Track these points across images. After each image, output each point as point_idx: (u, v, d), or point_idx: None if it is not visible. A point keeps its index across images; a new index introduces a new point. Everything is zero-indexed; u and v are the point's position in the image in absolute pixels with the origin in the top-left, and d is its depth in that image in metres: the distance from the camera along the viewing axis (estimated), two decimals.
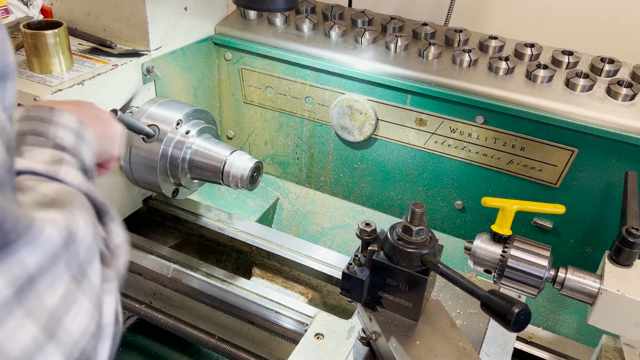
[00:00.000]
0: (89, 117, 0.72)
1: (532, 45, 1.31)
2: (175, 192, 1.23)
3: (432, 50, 1.32)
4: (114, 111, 0.97)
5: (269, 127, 1.58)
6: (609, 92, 1.19)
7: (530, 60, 1.30)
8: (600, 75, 1.24)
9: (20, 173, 0.53)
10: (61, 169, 0.55)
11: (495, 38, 1.34)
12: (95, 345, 0.43)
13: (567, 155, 1.22)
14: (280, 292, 1.35)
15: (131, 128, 1.04)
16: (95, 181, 0.67)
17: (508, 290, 0.89)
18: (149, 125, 1.13)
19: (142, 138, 1.13)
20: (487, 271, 0.91)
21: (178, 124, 1.16)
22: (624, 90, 1.17)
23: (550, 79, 1.23)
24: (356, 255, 0.90)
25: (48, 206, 0.41)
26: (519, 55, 1.31)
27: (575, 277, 0.86)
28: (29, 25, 1.14)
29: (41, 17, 1.48)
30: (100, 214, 0.55)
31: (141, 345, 1.36)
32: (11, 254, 0.34)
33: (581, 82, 1.20)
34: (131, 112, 1.21)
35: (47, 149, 0.59)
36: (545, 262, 0.85)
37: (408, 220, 0.84)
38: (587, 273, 0.87)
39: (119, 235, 0.56)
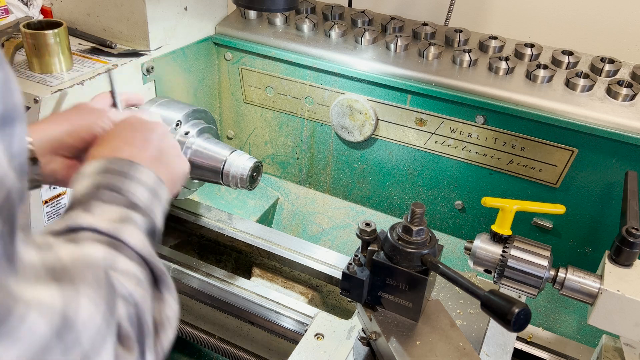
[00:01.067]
0: (164, 164, 0.73)
1: (532, 45, 1.31)
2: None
3: (432, 50, 1.32)
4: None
5: (269, 127, 1.58)
6: (609, 92, 1.19)
7: (530, 60, 1.30)
8: (600, 75, 1.24)
9: (82, 229, 0.54)
10: (125, 230, 0.54)
11: (495, 38, 1.34)
12: None
13: (567, 155, 1.22)
14: (280, 292, 1.35)
15: None
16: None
17: (508, 290, 0.89)
18: None
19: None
20: (487, 271, 0.91)
21: (177, 124, 1.16)
22: (624, 90, 1.17)
23: (550, 79, 1.23)
24: (356, 255, 0.90)
25: (51, 278, 0.37)
26: (519, 55, 1.31)
27: (575, 277, 0.86)
28: (29, 25, 1.14)
29: (41, 17, 1.48)
30: (157, 281, 0.54)
31: None
32: None
33: (581, 82, 1.20)
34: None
35: (118, 206, 0.58)
36: (545, 262, 0.85)
37: (408, 220, 0.84)
38: (587, 273, 0.87)
39: (172, 307, 0.55)
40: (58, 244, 0.43)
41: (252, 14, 1.50)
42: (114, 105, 0.96)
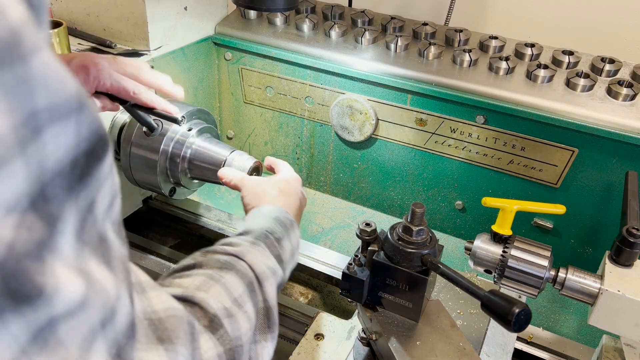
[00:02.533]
0: (297, 207, 0.92)
1: (532, 45, 1.31)
2: (173, 191, 1.23)
3: (433, 50, 1.32)
4: (124, 101, 0.96)
5: (269, 127, 1.58)
6: (610, 92, 1.19)
7: (530, 60, 1.30)
8: (600, 75, 1.24)
9: (243, 260, 0.67)
10: (269, 280, 0.68)
11: (496, 38, 1.34)
12: None
13: (567, 155, 1.22)
14: (280, 292, 1.34)
15: (138, 120, 1.03)
16: None
17: (508, 290, 0.89)
18: (153, 119, 1.13)
19: (145, 132, 1.12)
20: (488, 271, 0.91)
21: (181, 120, 1.16)
22: (624, 90, 1.17)
23: (550, 78, 1.23)
24: (356, 256, 0.90)
25: (157, 339, 0.43)
26: (519, 55, 1.31)
27: (575, 277, 0.86)
28: None
29: None
30: (269, 329, 0.65)
31: None
32: None
33: (581, 82, 1.19)
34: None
35: (273, 257, 0.73)
36: (545, 262, 0.85)
37: (408, 220, 0.84)
38: (587, 273, 0.87)
39: (269, 353, 0.65)
40: (148, 287, 0.46)
41: (252, 13, 1.50)
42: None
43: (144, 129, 1.12)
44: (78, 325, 0.33)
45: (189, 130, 1.16)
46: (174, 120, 1.02)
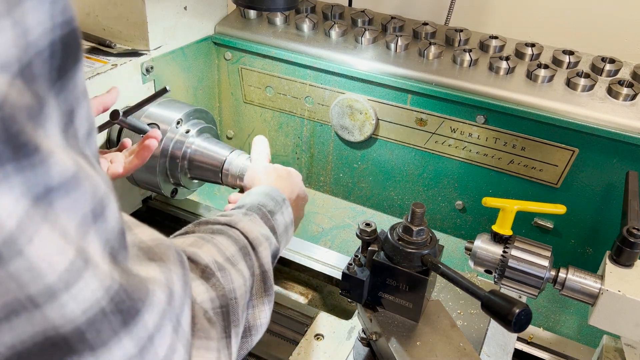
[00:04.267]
0: (296, 209, 0.94)
1: (532, 45, 1.31)
2: (175, 192, 1.23)
3: (433, 49, 1.31)
4: (116, 112, 0.96)
5: (268, 127, 1.58)
6: (610, 92, 1.19)
7: (530, 60, 1.30)
8: (601, 75, 1.24)
9: (236, 228, 0.70)
10: (262, 245, 0.70)
11: (496, 38, 1.34)
12: None
13: (567, 155, 1.22)
14: (280, 292, 1.34)
15: (132, 128, 1.04)
16: None
17: (509, 290, 0.89)
18: (149, 124, 1.13)
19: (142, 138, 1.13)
20: (488, 271, 0.90)
21: (178, 122, 1.16)
22: (624, 90, 1.17)
23: (551, 78, 1.23)
24: (356, 256, 0.90)
25: (149, 259, 0.46)
26: (519, 55, 1.31)
27: (576, 278, 0.86)
28: None
29: None
30: (266, 292, 0.68)
31: None
32: (139, 320, 0.39)
33: (582, 81, 1.19)
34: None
35: (266, 226, 0.76)
36: (546, 263, 0.85)
37: (408, 220, 0.84)
38: (587, 273, 0.86)
39: (267, 316, 0.70)
40: (133, 225, 0.49)
41: (252, 13, 1.50)
42: (130, 108, 0.98)
43: (142, 135, 1.12)
44: (72, 205, 0.34)
45: (187, 132, 1.16)
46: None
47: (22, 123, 0.31)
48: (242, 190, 1.10)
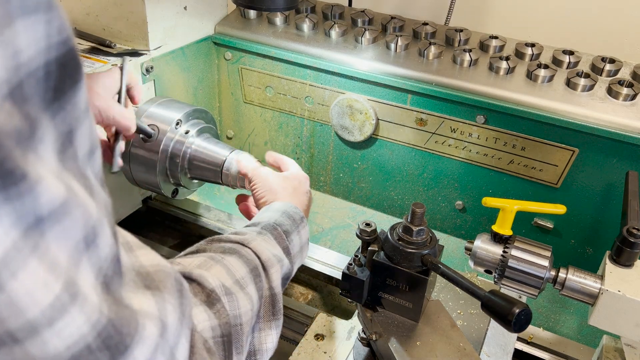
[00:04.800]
0: (307, 205, 0.93)
1: (532, 45, 1.31)
2: (175, 192, 1.23)
3: (433, 49, 1.31)
4: (117, 134, 0.96)
5: (268, 127, 1.58)
6: (610, 91, 1.19)
7: (530, 60, 1.30)
8: (601, 75, 1.24)
9: (248, 247, 0.68)
10: (274, 267, 0.69)
11: (496, 38, 1.34)
12: None
13: (567, 155, 1.22)
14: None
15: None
16: None
17: (509, 290, 0.89)
18: (148, 125, 1.13)
19: (142, 138, 1.13)
20: (488, 271, 0.90)
21: (177, 123, 1.16)
22: (624, 90, 1.17)
23: (551, 78, 1.23)
24: (356, 256, 0.89)
25: (145, 287, 0.44)
26: (519, 55, 1.31)
27: (576, 278, 0.86)
28: None
29: None
30: (274, 316, 0.66)
31: None
32: (129, 355, 0.37)
33: (582, 81, 1.19)
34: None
35: (279, 247, 0.74)
36: (546, 263, 0.85)
37: (408, 220, 0.84)
38: (587, 273, 0.86)
39: (274, 341, 0.67)
40: (136, 246, 0.48)
41: (252, 13, 1.50)
42: (118, 99, 0.95)
43: (141, 136, 1.12)
44: (63, 234, 0.33)
45: (186, 132, 1.16)
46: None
47: (8, 148, 0.30)
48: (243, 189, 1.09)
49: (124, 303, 0.39)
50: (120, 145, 0.96)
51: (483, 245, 0.90)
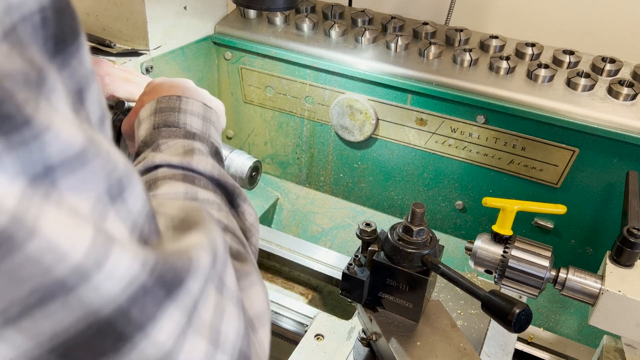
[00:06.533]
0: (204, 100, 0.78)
1: (533, 45, 1.31)
2: None
3: (433, 49, 1.31)
4: (122, 102, 0.94)
5: (268, 126, 1.58)
6: (610, 91, 1.18)
7: (531, 60, 1.29)
8: (601, 75, 1.24)
9: (158, 167, 0.61)
10: (193, 160, 0.61)
11: (496, 37, 1.34)
12: (248, 341, 0.46)
13: (568, 155, 1.22)
14: (280, 292, 1.34)
15: None
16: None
17: (509, 290, 0.88)
18: None
19: None
20: (488, 271, 0.90)
21: None
22: (625, 90, 1.16)
23: (551, 78, 1.23)
24: (356, 256, 0.89)
25: (187, 229, 0.43)
26: (519, 54, 1.31)
27: (576, 278, 0.86)
28: None
29: None
30: (231, 196, 0.59)
31: None
32: (184, 288, 0.36)
33: (582, 81, 1.19)
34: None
35: (179, 139, 0.65)
36: (546, 263, 0.85)
37: (408, 220, 0.84)
38: (588, 273, 0.86)
39: (251, 214, 0.61)
40: (158, 206, 0.46)
41: (252, 13, 1.50)
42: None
43: None
44: (80, 184, 0.31)
45: None
46: None
47: (9, 91, 0.27)
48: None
49: (171, 250, 0.38)
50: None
51: (483, 245, 0.90)
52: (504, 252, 0.87)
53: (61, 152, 0.30)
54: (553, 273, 0.86)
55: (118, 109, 0.92)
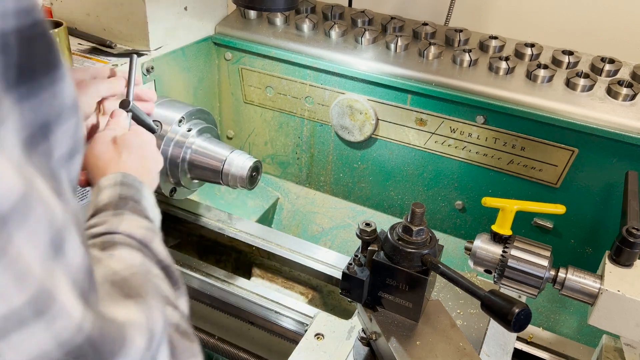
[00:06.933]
0: (149, 172, 0.80)
1: (532, 45, 1.31)
2: (173, 191, 1.23)
3: (433, 50, 1.31)
4: (126, 102, 0.94)
5: (268, 127, 1.58)
6: (609, 92, 1.19)
7: (530, 60, 1.30)
8: (600, 75, 1.24)
9: (118, 233, 0.59)
10: (154, 240, 0.61)
11: (496, 38, 1.34)
12: None
13: (567, 155, 1.22)
14: (280, 292, 1.34)
15: (138, 121, 1.02)
16: None
17: (508, 290, 0.89)
18: (153, 121, 1.13)
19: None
20: (488, 271, 0.91)
21: (180, 121, 1.16)
22: (624, 90, 1.17)
23: (550, 78, 1.23)
24: (356, 256, 0.90)
25: (125, 296, 0.41)
26: (519, 55, 1.31)
27: (575, 277, 0.86)
28: None
29: None
30: (175, 284, 0.59)
31: None
32: None
33: (581, 82, 1.19)
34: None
35: (142, 217, 0.65)
36: (545, 262, 0.85)
37: (408, 220, 0.84)
38: (587, 273, 0.87)
39: (185, 303, 0.60)
40: (106, 258, 0.45)
41: (252, 13, 1.50)
42: (127, 94, 0.93)
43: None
44: (30, 237, 0.30)
45: (189, 130, 1.16)
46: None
47: None
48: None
49: (107, 317, 0.36)
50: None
51: (483, 245, 0.90)
52: (504, 251, 0.88)
53: (6, 197, 0.29)
54: (552, 273, 0.87)
55: (123, 107, 0.92)
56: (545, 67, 1.23)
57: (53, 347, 0.32)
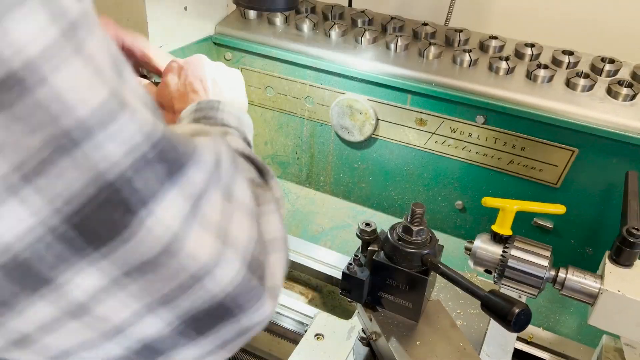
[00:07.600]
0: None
1: (532, 45, 1.31)
2: None
3: (433, 50, 1.31)
4: (144, 77, 0.95)
5: (268, 127, 1.58)
6: (610, 92, 1.19)
7: (530, 60, 1.30)
8: (600, 75, 1.24)
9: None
10: (227, 136, 0.62)
11: (496, 38, 1.34)
12: (265, 254, 0.46)
13: (567, 155, 1.22)
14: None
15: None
16: None
17: (508, 290, 0.89)
18: None
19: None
20: (488, 271, 0.91)
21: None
22: (624, 90, 1.17)
23: (550, 78, 1.23)
24: (356, 256, 0.90)
25: (196, 135, 0.45)
26: (519, 55, 1.31)
27: (575, 277, 0.86)
28: None
29: None
30: (261, 172, 0.61)
31: None
32: (185, 174, 0.37)
33: (582, 82, 1.19)
34: None
35: (217, 126, 0.67)
36: (545, 263, 0.85)
37: (408, 220, 0.84)
38: (587, 273, 0.87)
39: (278, 190, 0.63)
40: (175, 128, 0.48)
41: (252, 13, 1.50)
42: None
43: None
44: (100, 43, 0.33)
45: None
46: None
47: None
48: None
49: (177, 131, 0.39)
50: None
51: (483, 245, 0.90)
52: (504, 251, 0.87)
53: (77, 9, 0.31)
54: (552, 273, 0.87)
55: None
56: (546, 67, 1.23)
57: (141, 139, 0.33)
